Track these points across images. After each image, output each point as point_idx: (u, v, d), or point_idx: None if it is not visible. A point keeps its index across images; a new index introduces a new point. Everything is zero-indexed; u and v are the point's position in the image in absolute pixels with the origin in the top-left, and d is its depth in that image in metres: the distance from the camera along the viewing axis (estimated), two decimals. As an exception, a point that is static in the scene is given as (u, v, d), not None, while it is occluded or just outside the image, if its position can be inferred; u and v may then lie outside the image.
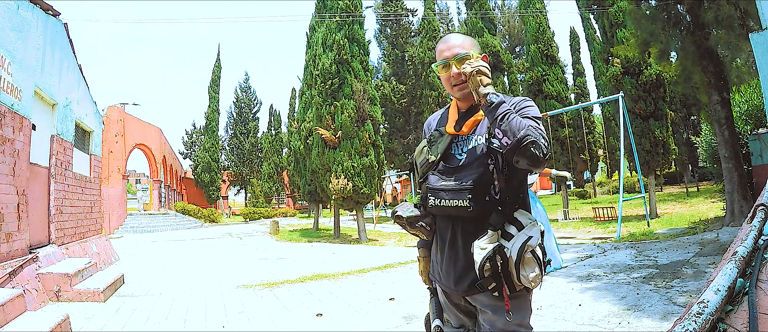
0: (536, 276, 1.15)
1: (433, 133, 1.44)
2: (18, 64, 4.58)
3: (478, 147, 1.29)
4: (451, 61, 1.33)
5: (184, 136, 34.44)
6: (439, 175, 1.33)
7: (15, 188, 4.35)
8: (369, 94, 11.89)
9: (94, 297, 4.69)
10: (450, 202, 1.25)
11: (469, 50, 1.33)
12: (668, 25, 7.62)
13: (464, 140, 1.35)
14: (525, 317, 1.28)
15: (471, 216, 1.24)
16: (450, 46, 1.35)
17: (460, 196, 1.23)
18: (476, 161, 1.26)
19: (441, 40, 1.40)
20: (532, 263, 1.15)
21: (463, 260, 1.29)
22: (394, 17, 23.26)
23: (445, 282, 1.37)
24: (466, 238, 1.28)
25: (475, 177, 1.23)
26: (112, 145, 18.17)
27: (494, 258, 1.15)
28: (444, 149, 1.36)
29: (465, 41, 1.36)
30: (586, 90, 26.76)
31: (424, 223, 1.39)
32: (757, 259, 1.32)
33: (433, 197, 1.31)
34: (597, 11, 12.00)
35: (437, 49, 1.39)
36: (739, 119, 7.88)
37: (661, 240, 6.84)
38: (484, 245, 1.18)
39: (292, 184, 31.43)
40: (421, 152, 1.43)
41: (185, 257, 9.35)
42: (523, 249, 1.14)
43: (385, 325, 3.49)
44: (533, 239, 1.16)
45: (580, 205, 18.05)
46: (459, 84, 1.35)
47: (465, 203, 1.22)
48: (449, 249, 1.34)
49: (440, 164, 1.35)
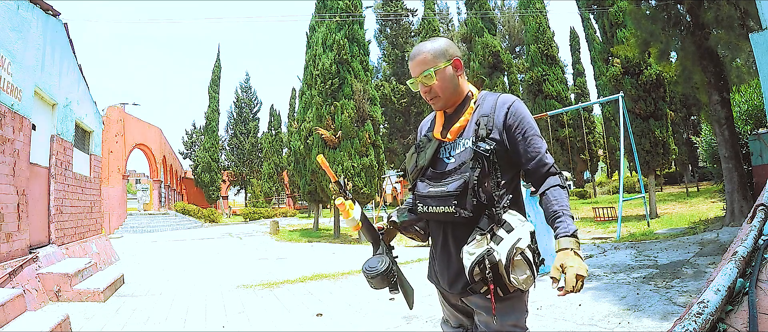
0: (527, 277, 1.14)
1: (422, 139, 1.45)
2: (18, 64, 4.58)
3: (466, 152, 1.28)
4: (417, 80, 1.34)
5: (184, 136, 34.48)
6: (427, 181, 1.33)
7: (15, 188, 4.35)
8: (369, 94, 11.89)
9: (94, 297, 4.69)
10: (437, 209, 1.26)
11: (432, 67, 1.31)
12: (668, 25, 7.62)
13: (452, 145, 1.35)
14: (520, 318, 1.27)
15: (460, 220, 1.24)
16: (414, 63, 1.34)
17: (446, 202, 1.23)
18: (462, 166, 1.26)
19: (411, 53, 1.39)
20: (523, 265, 1.14)
21: (456, 263, 1.29)
22: (394, 17, 23.26)
23: (441, 284, 1.39)
24: (457, 241, 1.29)
25: (460, 183, 1.22)
26: (112, 145, 18.17)
27: (483, 262, 1.14)
28: (432, 154, 1.37)
29: (427, 54, 1.31)
30: (586, 90, 26.77)
31: (417, 227, 1.42)
32: (757, 259, 1.32)
33: (421, 204, 1.32)
34: (597, 11, 12.00)
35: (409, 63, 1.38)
36: (739, 119, 7.88)
37: (661, 240, 6.84)
38: (473, 249, 1.18)
39: (292, 184, 31.47)
40: (411, 159, 1.44)
41: (185, 257, 9.35)
42: (512, 252, 1.13)
43: (385, 325, 3.49)
44: (522, 241, 1.15)
45: (580, 205, 18.04)
46: (430, 99, 1.37)
47: (451, 210, 1.22)
48: (442, 252, 1.35)
49: (429, 170, 1.35)
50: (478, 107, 1.35)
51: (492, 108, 1.31)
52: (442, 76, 1.32)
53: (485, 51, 19.25)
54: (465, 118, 1.34)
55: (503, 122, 1.28)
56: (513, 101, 1.31)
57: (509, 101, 1.31)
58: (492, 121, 1.28)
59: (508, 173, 1.29)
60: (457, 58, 1.35)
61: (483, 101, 1.36)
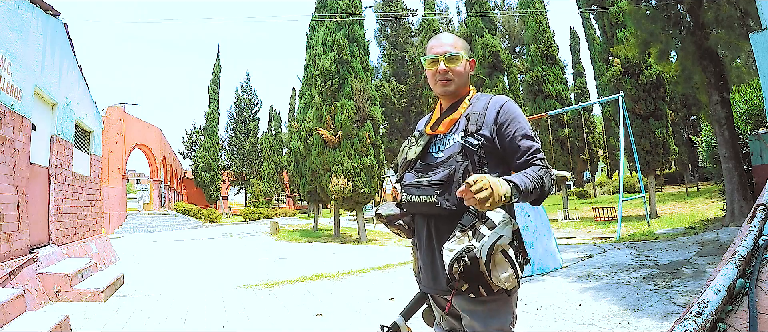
0: (509, 276, 1.12)
1: (415, 133, 1.48)
2: (18, 64, 4.58)
3: (455, 146, 1.30)
4: (441, 58, 1.35)
5: (184, 136, 34.47)
6: (414, 173, 1.35)
7: (15, 188, 4.35)
8: (369, 94, 11.89)
9: (94, 297, 4.69)
10: (418, 197, 1.27)
11: (460, 51, 1.36)
12: (668, 25, 7.62)
13: (442, 140, 1.37)
14: (505, 322, 1.24)
15: (443, 214, 1.23)
16: (442, 43, 1.38)
17: (428, 191, 1.24)
18: (450, 159, 1.28)
19: (434, 37, 1.43)
20: (504, 263, 1.12)
21: (439, 259, 1.28)
22: (394, 17, 23.25)
23: (424, 281, 1.37)
24: (439, 237, 1.28)
25: (445, 173, 1.24)
26: (112, 145, 18.17)
27: (462, 258, 1.11)
28: (422, 148, 1.39)
29: (457, 42, 1.39)
30: (586, 90, 26.76)
31: (402, 221, 1.40)
32: (757, 259, 1.32)
33: (405, 193, 1.33)
34: (597, 11, 12.00)
35: (428, 45, 1.41)
36: (739, 119, 7.88)
37: (661, 240, 6.84)
38: (453, 246, 1.15)
39: (292, 184, 31.46)
40: (402, 152, 1.46)
41: (185, 257, 9.35)
42: (493, 249, 1.11)
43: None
44: (504, 239, 1.13)
45: (580, 205, 18.05)
46: (443, 80, 1.37)
47: (433, 199, 1.22)
48: (426, 248, 1.34)
49: (418, 162, 1.38)
50: (471, 105, 1.38)
51: (484, 106, 1.34)
52: (464, 64, 1.38)
53: (485, 51, 19.23)
54: (458, 112, 1.37)
55: (494, 119, 1.30)
56: (505, 101, 1.34)
57: (502, 101, 1.34)
58: (483, 118, 1.31)
59: (495, 171, 1.27)
60: (473, 60, 1.45)
61: (477, 100, 1.40)
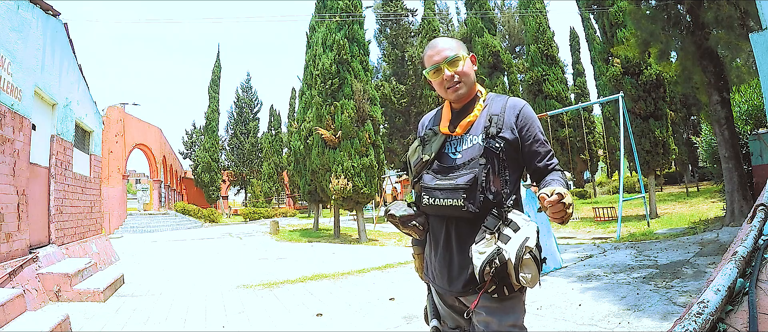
0: (534, 276, 1.16)
1: (427, 132, 1.44)
2: (18, 64, 4.58)
3: (475, 147, 1.29)
4: (443, 65, 1.34)
5: (184, 136, 34.49)
6: (433, 174, 1.33)
7: (15, 188, 4.35)
8: (369, 94, 11.88)
9: (94, 297, 4.69)
10: (444, 201, 1.25)
11: (458, 51, 1.35)
12: (668, 25, 7.61)
13: (458, 140, 1.36)
14: (519, 318, 1.28)
15: (465, 216, 1.24)
16: (439, 50, 1.36)
17: (455, 195, 1.23)
18: (472, 161, 1.27)
19: (428, 46, 1.40)
20: (531, 263, 1.16)
21: (458, 261, 1.29)
22: (394, 17, 23.24)
23: (439, 282, 1.37)
24: (460, 239, 1.28)
25: (470, 177, 1.23)
26: (112, 145, 18.17)
27: (494, 261, 1.15)
28: (438, 148, 1.37)
29: (452, 43, 1.37)
30: (586, 90, 26.76)
31: (416, 222, 1.38)
32: (757, 259, 1.32)
33: (427, 196, 1.30)
34: (597, 11, 12.00)
35: (426, 55, 1.39)
36: (739, 119, 7.88)
37: (661, 240, 6.84)
38: (483, 249, 1.18)
39: (292, 184, 31.44)
40: (415, 151, 1.43)
41: (185, 257, 9.35)
42: (522, 251, 1.14)
43: (385, 325, 3.49)
44: (531, 240, 1.16)
45: (580, 205, 18.03)
46: (452, 86, 1.36)
47: (459, 203, 1.22)
48: (443, 250, 1.34)
49: (435, 163, 1.36)
50: (487, 105, 1.38)
51: (502, 108, 1.34)
52: (467, 64, 1.36)
53: (485, 51, 19.25)
54: (474, 114, 1.36)
55: (514, 123, 1.31)
56: (523, 105, 1.35)
57: (520, 104, 1.35)
58: (502, 120, 1.31)
59: (513, 173, 1.30)
60: (473, 55, 1.42)
61: (492, 101, 1.39)
